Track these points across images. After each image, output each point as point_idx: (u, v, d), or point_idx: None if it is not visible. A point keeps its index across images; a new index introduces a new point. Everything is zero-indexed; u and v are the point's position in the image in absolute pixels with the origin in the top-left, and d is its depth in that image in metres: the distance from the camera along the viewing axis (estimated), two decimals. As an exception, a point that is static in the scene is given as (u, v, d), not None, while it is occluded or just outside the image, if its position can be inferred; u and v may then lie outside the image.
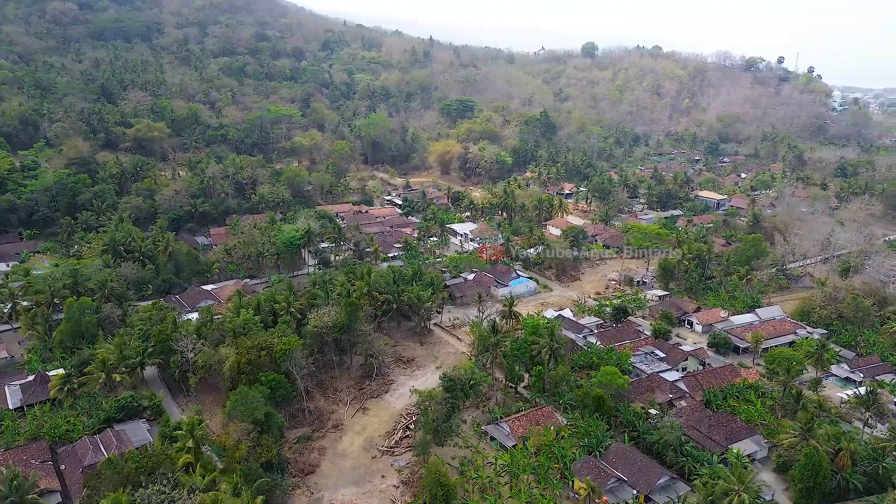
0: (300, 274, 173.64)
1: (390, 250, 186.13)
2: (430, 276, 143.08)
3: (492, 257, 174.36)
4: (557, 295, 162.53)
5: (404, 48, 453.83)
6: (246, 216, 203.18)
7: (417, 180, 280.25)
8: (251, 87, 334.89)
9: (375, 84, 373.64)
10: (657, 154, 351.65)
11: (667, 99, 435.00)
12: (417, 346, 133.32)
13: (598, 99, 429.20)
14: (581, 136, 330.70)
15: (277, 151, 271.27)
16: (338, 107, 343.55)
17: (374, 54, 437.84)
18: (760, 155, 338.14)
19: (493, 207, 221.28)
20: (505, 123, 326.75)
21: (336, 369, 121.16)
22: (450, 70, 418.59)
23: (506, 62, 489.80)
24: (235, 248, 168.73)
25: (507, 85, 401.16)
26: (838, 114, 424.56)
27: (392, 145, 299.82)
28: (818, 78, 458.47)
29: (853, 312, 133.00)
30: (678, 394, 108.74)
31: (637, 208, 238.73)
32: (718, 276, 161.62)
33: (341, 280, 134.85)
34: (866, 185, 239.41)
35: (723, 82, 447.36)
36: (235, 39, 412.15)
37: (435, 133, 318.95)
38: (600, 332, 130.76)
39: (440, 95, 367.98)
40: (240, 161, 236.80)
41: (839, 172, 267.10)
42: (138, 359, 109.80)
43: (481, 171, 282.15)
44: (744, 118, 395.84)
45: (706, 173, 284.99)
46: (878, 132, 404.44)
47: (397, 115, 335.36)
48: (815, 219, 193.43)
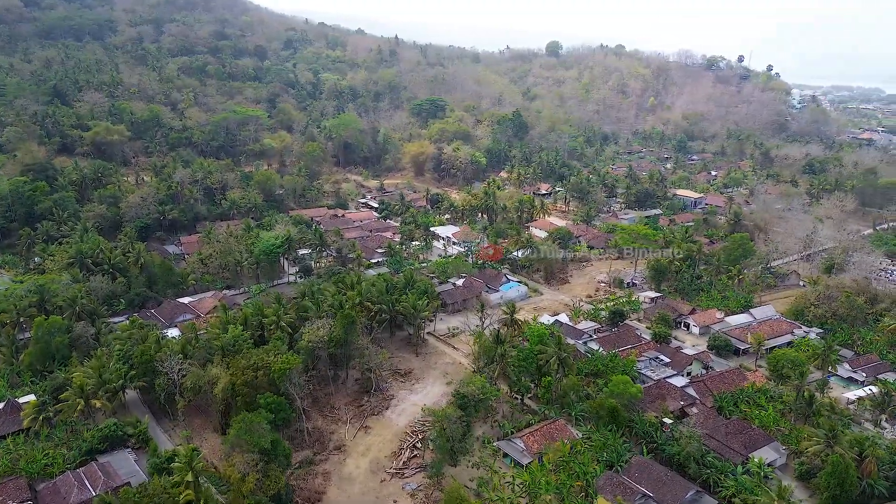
0: (280, 283, 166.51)
1: (373, 256, 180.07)
2: (424, 283, 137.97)
3: (493, 257, 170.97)
4: (549, 299, 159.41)
5: (369, 47, 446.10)
6: (217, 223, 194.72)
7: (392, 182, 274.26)
8: (214, 87, 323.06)
9: (342, 84, 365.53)
10: (627, 153, 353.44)
11: (632, 98, 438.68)
12: (413, 357, 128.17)
13: (565, 98, 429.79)
14: (552, 135, 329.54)
15: (246, 154, 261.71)
16: (305, 107, 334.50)
17: (338, 53, 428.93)
18: (727, 153, 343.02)
19: (474, 209, 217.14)
20: (477, 123, 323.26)
21: (331, 385, 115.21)
22: (417, 69, 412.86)
23: (471, 61, 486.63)
24: (211, 258, 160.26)
25: (476, 84, 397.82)
26: (798, 111, 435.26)
27: (364, 146, 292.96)
28: (777, 76, 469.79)
29: (847, 311, 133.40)
30: (689, 400, 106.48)
31: (615, 208, 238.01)
32: (709, 277, 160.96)
33: (331, 291, 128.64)
34: (836, 181, 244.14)
35: (686, 81, 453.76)
36: (194, 38, 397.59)
37: (406, 133, 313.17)
38: (601, 337, 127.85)
39: (409, 95, 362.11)
40: (208, 165, 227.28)
41: (807, 169, 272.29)
42: (119, 382, 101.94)
43: (456, 171, 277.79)
44: (708, 116, 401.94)
45: (679, 171, 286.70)
46: (836, 129, 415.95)
47: (366, 115, 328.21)
48: (793, 216, 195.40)
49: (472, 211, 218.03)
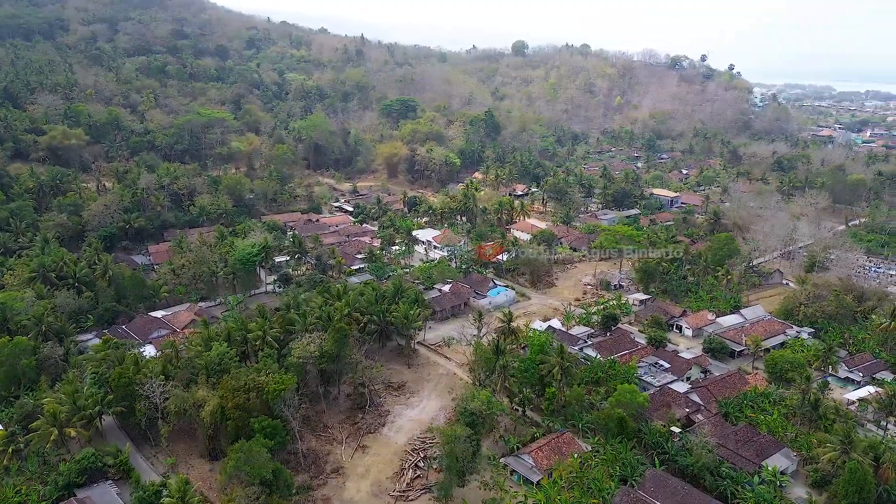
0: (258, 293, 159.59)
1: (353, 262, 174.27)
2: (414, 292, 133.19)
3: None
4: (537, 303, 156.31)
5: (335, 46, 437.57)
6: (187, 230, 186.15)
7: (365, 184, 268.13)
8: (175, 88, 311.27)
9: (309, 84, 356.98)
10: (597, 152, 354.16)
11: (599, 97, 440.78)
12: (405, 368, 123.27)
13: (533, 98, 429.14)
14: (524, 135, 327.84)
15: (213, 158, 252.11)
16: (271, 108, 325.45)
17: (303, 53, 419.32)
18: (695, 151, 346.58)
19: (453, 212, 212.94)
20: (449, 124, 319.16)
21: (322, 402, 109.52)
22: (385, 69, 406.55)
23: (438, 61, 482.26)
24: (184, 268, 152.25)
25: (446, 84, 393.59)
26: (760, 110, 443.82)
27: (335, 148, 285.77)
28: (738, 75, 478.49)
29: (836, 310, 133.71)
30: (693, 407, 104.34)
31: (592, 208, 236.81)
32: (696, 277, 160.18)
33: (318, 301, 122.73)
34: (807, 178, 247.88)
35: (650, 80, 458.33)
36: (151, 37, 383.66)
37: (377, 134, 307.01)
38: (597, 343, 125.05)
39: (378, 95, 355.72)
40: (174, 170, 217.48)
41: (776, 167, 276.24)
42: (96, 408, 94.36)
43: (430, 173, 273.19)
44: (674, 115, 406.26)
45: (652, 171, 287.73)
46: (797, 126, 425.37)
47: (335, 116, 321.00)
48: (770, 214, 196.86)
49: (452, 213, 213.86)
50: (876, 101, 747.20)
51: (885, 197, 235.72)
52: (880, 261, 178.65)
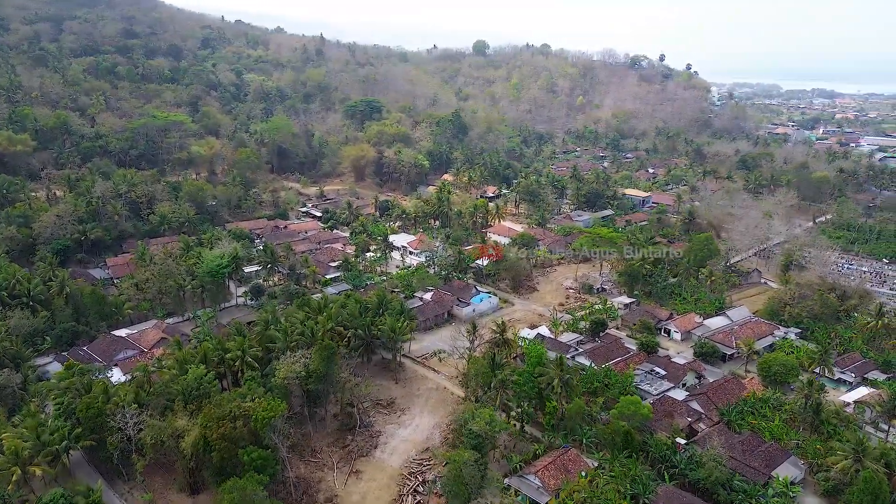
0: (229, 306, 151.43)
1: (327, 271, 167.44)
2: (398, 302, 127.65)
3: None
4: (521, 309, 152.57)
5: (294, 46, 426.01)
6: (147, 241, 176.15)
7: (331, 188, 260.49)
8: (127, 89, 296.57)
9: (268, 85, 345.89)
10: (563, 152, 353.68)
11: (562, 97, 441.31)
12: (392, 384, 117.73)
13: (496, 98, 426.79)
14: (490, 136, 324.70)
15: (172, 163, 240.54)
16: (230, 110, 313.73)
17: (261, 53, 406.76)
18: (659, 150, 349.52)
19: (427, 216, 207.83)
20: (415, 125, 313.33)
21: (309, 424, 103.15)
22: (347, 69, 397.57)
23: (399, 60, 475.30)
24: (149, 283, 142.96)
25: (409, 84, 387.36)
26: (719, 108, 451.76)
27: (299, 151, 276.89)
28: (696, 74, 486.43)
29: (821, 309, 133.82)
30: (694, 416, 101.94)
31: (565, 209, 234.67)
32: (679, 279, 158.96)
33: (300, 316, 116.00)
34: (772, 177, 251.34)
35: (611, 80, 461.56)
36: (98, 36, 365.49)
37: (342, 136, 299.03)
38: (589, 350, 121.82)
39: (342, 96, 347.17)
40: (131, 176, 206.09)
41: (741, 165, 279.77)
42: (63, 443, 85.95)
43: (399, 175, 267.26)
44: (636, 114, 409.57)
45: (621, 171, 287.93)
46: (754, 125, 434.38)
47: (297, 117, 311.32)
48: (743, 213, 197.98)
49: (425, 217, 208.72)
50: (822, 99, 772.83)
51: (849, 193, 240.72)
52: (852, 257, 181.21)
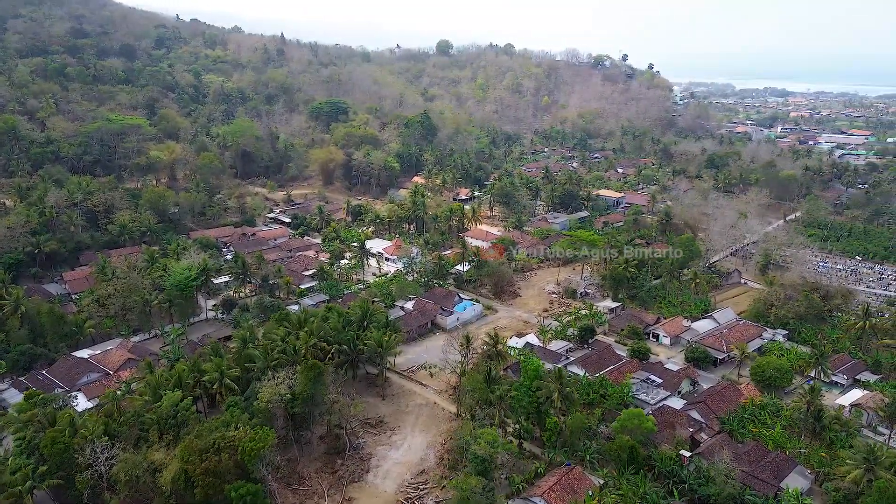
0: (198, 321, 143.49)
1: (302, 280, 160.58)
2: (383, 315, 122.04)
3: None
4: (505, 316, 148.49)
5: (253, 46, 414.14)
6: (107, 252, 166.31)
7: (299, 192, 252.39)
8: (78, 91, 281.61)
9: (229, 86, 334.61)
10: (531, 152, 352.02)
11: (527, 97, 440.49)
12: (379, 401, 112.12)
13: (462, 98, 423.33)
14: (459, 137, 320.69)
15: (129, 169, 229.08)
16: (189, 112, 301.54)
17: (219, 52, 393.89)
18: (626, 150, 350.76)
19: (401, 220, 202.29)
20: (383, 126, 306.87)
21: (294, 448, 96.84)
22: (310, 69, 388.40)
23: (362, 60, 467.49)
24: (111, 298, 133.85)
25: (375, 85, 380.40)
26: (682, 108, 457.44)
27: (264, 155, 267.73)
28: (658, 74, 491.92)
29: (806, 310, 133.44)
30: (695, 426, 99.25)
31: (539, 211, 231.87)
32: (663, 281, 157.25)
33: (280, 333, 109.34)
34: (741, 175, 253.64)
35: (575, 80, 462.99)
36: (46, 36, 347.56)
37: (308, 139, 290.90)
38: (581, 359, 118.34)
39: (305, 97, 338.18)
40: (86, 184, 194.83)
41: (709, 164, 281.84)
42: (27, 483, 77.95)
43: (368, 178, 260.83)
44: (601, 114, 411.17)
45: (593, 171, 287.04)
46: (715, 124, 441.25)
47: (260, 119, 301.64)
48: (719, 213, 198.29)
49: (400, 222, 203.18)
50: (775, 98, 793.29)
51: (815, 191, 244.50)
52: (826, 255, 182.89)
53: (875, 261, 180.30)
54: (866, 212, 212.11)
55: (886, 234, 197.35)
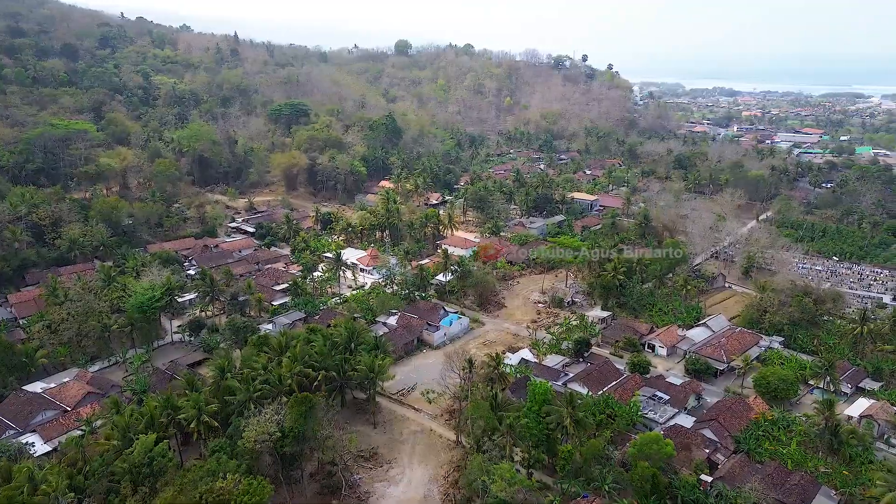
0: (163, 345, 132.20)
1: (274, 296, 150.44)
2: (372, 335, 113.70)
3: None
4: (493, 329, 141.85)
5: (205, 45, 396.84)
6: (56, 270, 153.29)
7: (262, 200, 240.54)
8: (17, 95, 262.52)
9: (181, 87, 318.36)
10: (497, 154, 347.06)
11: (489, 98, 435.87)
12: (370, 429, 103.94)
13: (424, 99, 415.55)
14: (425, 139, 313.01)
15: (77, 178, 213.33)
16: (139, 116, 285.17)
17: (169, 52, 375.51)
18: (592, 151, 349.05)
19: (374, 227, 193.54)
20: (346, 129, 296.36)
21: (284, 490, 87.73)
22: (266, 70, 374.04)
23: (319, 60, 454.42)
24: (65, 323, 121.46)
25: (335, 86, 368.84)
26: (643, 108, 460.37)
27: (222, 160, 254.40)
28: (617, 74, 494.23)
29: (801, 315, 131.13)
30: (710, 446, 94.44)
31: (514, 215, 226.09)
32: (650, 287, 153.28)
33: (261, 360, 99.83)
34: (710, 176, 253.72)
35: (536, 80, 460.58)
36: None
37: (268, 143, 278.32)
38: (582, 376, 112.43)
39: (263, 99, 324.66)
40: (31, 195, 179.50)
41: (677, 164, 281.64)
42: (-24, 557, 67.09)
43: (334, 183, 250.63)
44: (564, 115, 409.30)
45: (562, 172, 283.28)
46: (674, 123, 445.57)
47: (215, 122, 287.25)
48: (696, 215, 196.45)
49: (372, 230, 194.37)
50: (724, 97, 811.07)
51: (784, 191, 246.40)
52: (803, 257, 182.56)
53: (852, 261, 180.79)
54: (839, 211, 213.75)
55: (858, 234, 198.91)
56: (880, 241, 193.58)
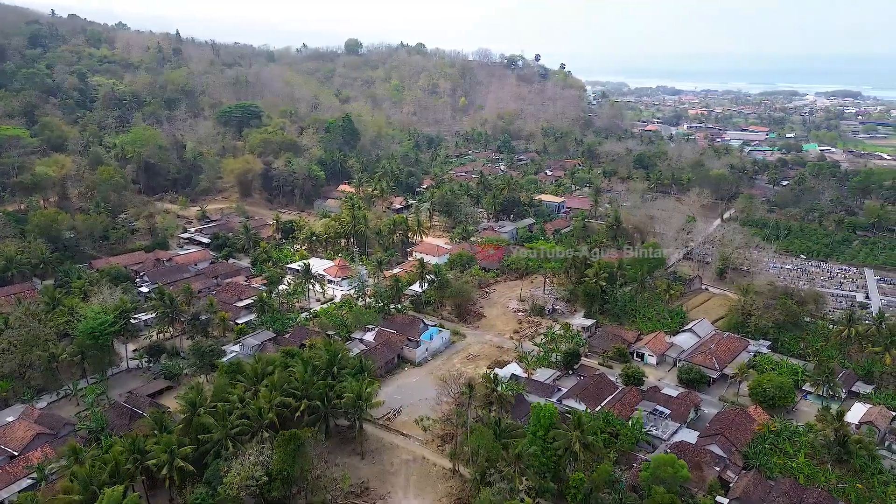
0: (119, 373, 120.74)
1: (238, 314, 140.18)
2: (358, 358, 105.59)
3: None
4: (475, 342, 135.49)
5: (145, 44, 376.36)
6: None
7: (215, 207, 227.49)
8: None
9: (120, 88, 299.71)
10: (456, 155, 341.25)
11: (444, 98, 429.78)
12: (358, 460, 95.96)
13: (378, 99, 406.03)
14: (382, 141, 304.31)
15: (10, 188, 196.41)
16: (76, 120, 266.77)
17: (106, 52, 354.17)
18: (550, 151, 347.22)
19: (339, 235, 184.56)
20: (301, 131, 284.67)
21: (270, 537, 79.24)
22: (212, 70, 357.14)
23: (266, 60, 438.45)
24: (6, 354, 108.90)
25: (286, 86, 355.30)
26: (597, 107, 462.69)
27: (170, 166, 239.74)
28: (569, 74, 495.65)
29: (786, 317, 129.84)
30: (719, 463, 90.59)
31: (483, 219, 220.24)
32: (631, 292, 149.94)
33: (237, 391, 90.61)
34: (672, 175, 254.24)
35: (490, 80, 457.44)
36: None
37: (219, 147, 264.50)
38: (578, 391, 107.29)
39: (211, 101, 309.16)
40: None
41: (637, 164, 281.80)
42: None
43: (291, 189, 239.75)
44: (520, 115, 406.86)
45: (528, 175, 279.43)
46: (627, 122, 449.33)
47: (160, 126, 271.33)
48: (667, 215, 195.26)
49: (337, 237, 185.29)
50: (668, 96, 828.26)
51: (744, 189, 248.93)
52: (774, 256, 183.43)
53: (819, 259, 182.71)
54: (802, 210, 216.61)
55: (821, 232, 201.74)
56: (843, 239, 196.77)
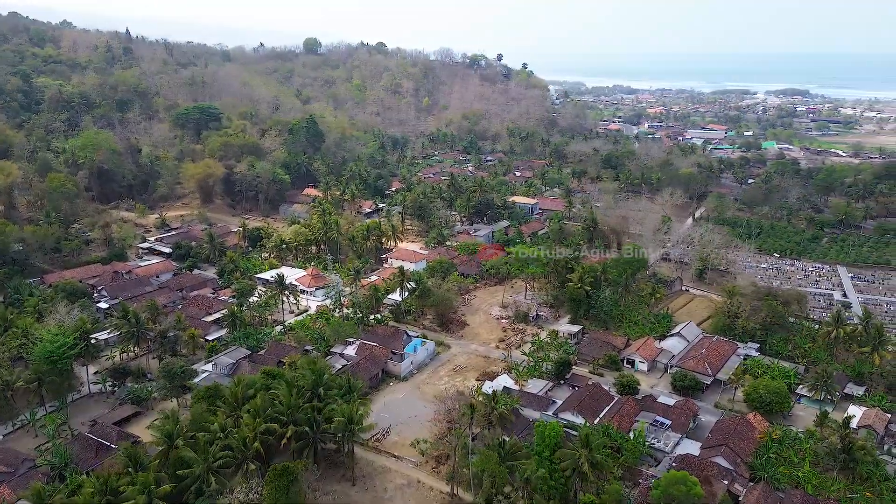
0: (80, 398, 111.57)
1: (208, 330, 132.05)
2: (346, 377, 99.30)
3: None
4: (461, 352, 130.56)
5: (93, 44, 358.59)
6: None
7: (174, 215, 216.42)
8: None
9: (68, 90, 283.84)
10: (423, 156, 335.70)
11: (408, 98, 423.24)
12: (349, 487, 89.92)
13: (340, 100, 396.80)
14: (347, 142, 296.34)
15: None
16: (21, 124, 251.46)
17: (51, 51, 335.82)
18: (516, 151, 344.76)
19: (309, 243, 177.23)
20: (263, 133, 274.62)
21: (261, 581, 72.68)
22: (166, 70, 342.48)
23: (222, 60, 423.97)
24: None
25: (244, 87, 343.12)
26: (561, 107, 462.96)
27: (125, 172, 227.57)
28: (532, 73, 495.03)
29: (772, 319, 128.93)
30: (727, 475, 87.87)
31: (456, 222, 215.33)
32: (615, 296, 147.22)
33: (218, 420, 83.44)
34: (643, 175, 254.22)
35: (453, 80, 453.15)
36: None
37: (176, 150, 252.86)
38: (574, 403, 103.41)
39: (166, 102, 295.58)
40: None
41: (606, 164, 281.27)
42: None
43: (254, 194, 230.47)
44: (485, 115, 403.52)
45: (498, 176, 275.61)
46: (591, 122, 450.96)
47: (113, 129, 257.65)
48: (642, 215, 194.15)
49: (307, 245, 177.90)
50: (624, 95, 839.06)
51: (712, 188, 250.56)
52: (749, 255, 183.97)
53: (792, 257, 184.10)
54: (773, 208, 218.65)
55: (791, 230, 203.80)
56: (812, 237, 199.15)
